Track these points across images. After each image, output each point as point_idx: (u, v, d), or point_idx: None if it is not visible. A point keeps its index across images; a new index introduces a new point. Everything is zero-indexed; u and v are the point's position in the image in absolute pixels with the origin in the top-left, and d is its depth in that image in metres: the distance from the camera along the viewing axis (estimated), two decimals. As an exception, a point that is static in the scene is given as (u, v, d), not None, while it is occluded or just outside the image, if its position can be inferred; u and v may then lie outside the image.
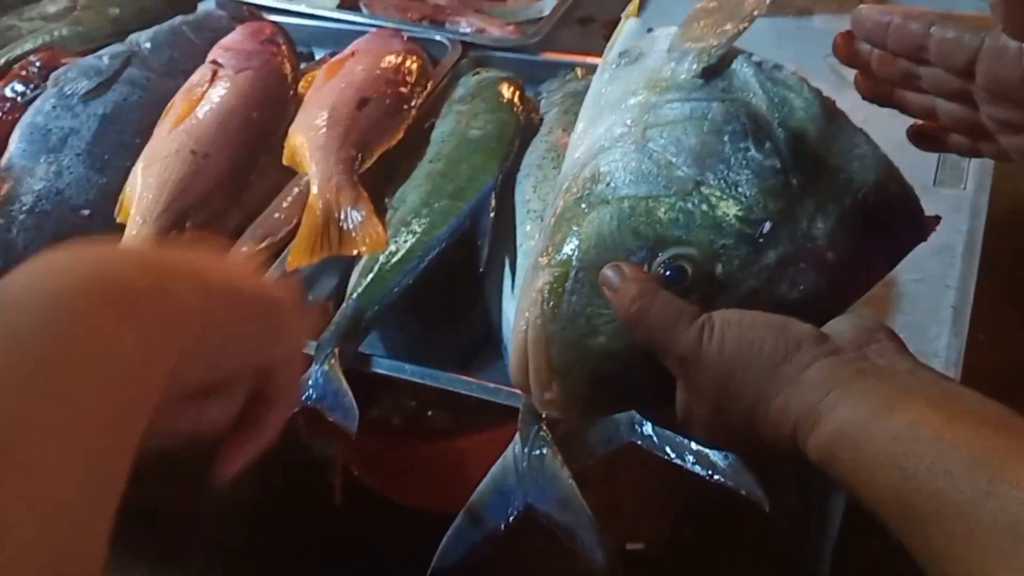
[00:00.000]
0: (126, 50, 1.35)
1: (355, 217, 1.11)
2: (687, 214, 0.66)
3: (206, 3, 1.66)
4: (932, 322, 1.02)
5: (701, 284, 0.65)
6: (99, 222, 1.17)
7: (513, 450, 0.88)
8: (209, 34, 1.42)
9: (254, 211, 1.22)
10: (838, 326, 0.62)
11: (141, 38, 1.38)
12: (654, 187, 0.68)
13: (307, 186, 1.18)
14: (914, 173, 0.68)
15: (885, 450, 0.53)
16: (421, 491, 1.91)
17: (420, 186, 1.13)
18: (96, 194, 1.19)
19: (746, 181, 0.66)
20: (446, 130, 1.21)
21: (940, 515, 0.49)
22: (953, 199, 1.16)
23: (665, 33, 0.78)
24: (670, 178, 0.67)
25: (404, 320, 1.10)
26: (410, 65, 1.32)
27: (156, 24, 1.45)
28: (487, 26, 1.54)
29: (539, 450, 0.87)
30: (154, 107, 1.28)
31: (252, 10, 1.53)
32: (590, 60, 1.43)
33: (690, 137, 0.68)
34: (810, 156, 0.66)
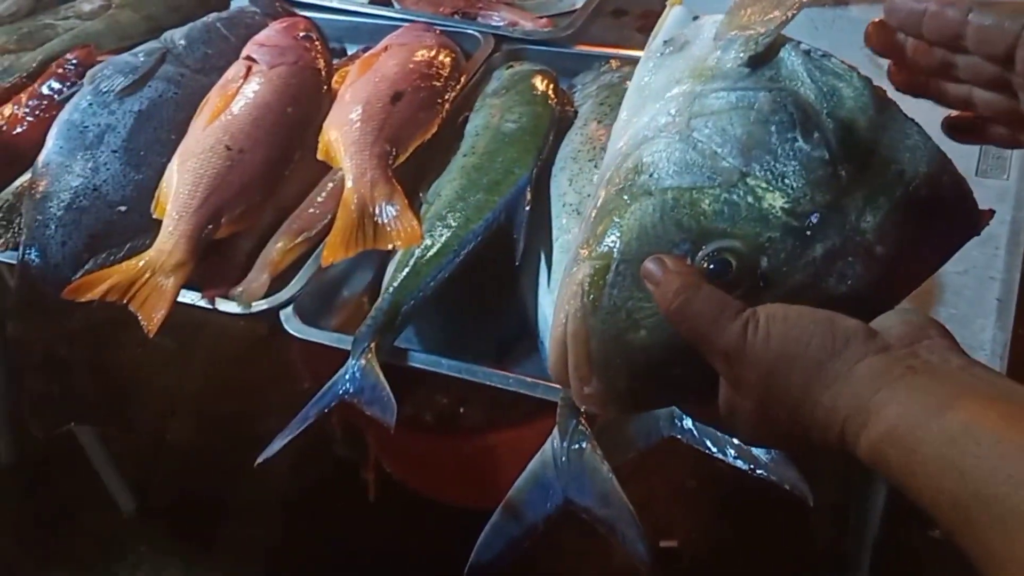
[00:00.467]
0: (161, 47, 1.35)
1: (390, 211, 1.10)
2: (732, 206, 0.65)
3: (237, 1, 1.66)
4: (977, 314, 1.01)
5: (745, 278, 0.63)
6: (135, 218, 1.18)
7: (552, 444, 0.87)
8: (243, 30, 1.42)
9: (289, 206, 1.22)
10: (887, 322, 0.60)
11: (176, 35, 1.38)
12: (698, 178, 0.66)
13: (341, 181, 1.17)
14: (956, 163, 0.66)
15: (941, 452, 0.51)
16: (454, 487, 1.92)
17: (454, 180, 1.12)
18: (132, 190, 1.20)
19: (793, 172, 0.64)
20: (480, 124, 1.20)
21: (1003, 521, 0.48)
22: (996, 189, 1.15)
23: (711, 21, 0.76)
24: (715, 169, 0.66)
25: (439, 314, 1.10)
26: (443, 59, 1.32)
27: (190, 21, 1.45)
28: (519, 19, 1.54)
29: (578, 444, 0.86)
30: (189, 103, 1.28)
31: (285, 6, 1.53)
32: (624, 52, 1.43)
33: (736, 127, 0.67)
34: (859, 147, 0.64)
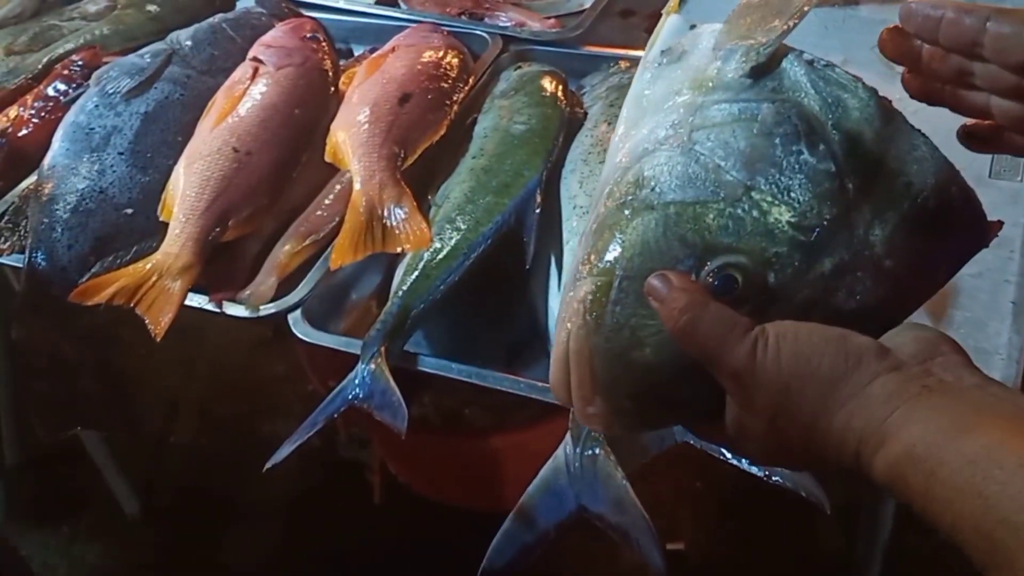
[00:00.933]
0: (167, 48, 1.35)
1: (398, 214, 1.09)
2: (737, 220, 0.63)
3: (244, 0, 1.66)
4: (991, 318, 0.99)
5: (752, 294, 0.62)
6: (142, 221, 1.17)
7: (564, 450, 0.87)
8: (249, 31, 1.41)
9: (296, 208, 1.21)
10: (898, 339, 0.59)
11: (181, 36, 1.38)
12: (702, 192, 0.65)
13: (349, 183, 1.17)
14: (969, 165, 0.66)
15: (962, 476, 0.50)
16: (459, 489, 1.91)
17: (464, 182, 1.11)
18: (139, 192, 1.19)
19: (799, 186, 0.63)
20: (489, 125, 1.19)
21: None
22: (1010, 191, 1.13)
23: (709, 30, 0.75)
24: (719, 183, 0.65)
25: (448, 317, 1.09)
26: (451, 60, 1.31)
27: (196, 22, 1.44)
28: (527, 20, 1.53)
29: (591, 450, 0.85)
30: (195, 105, 1.27)
31: (291, 7, 1.52)
32: (632, 53, 1.42)
33: (739, 140, 0.65)
34: (866, 159, 0.63)
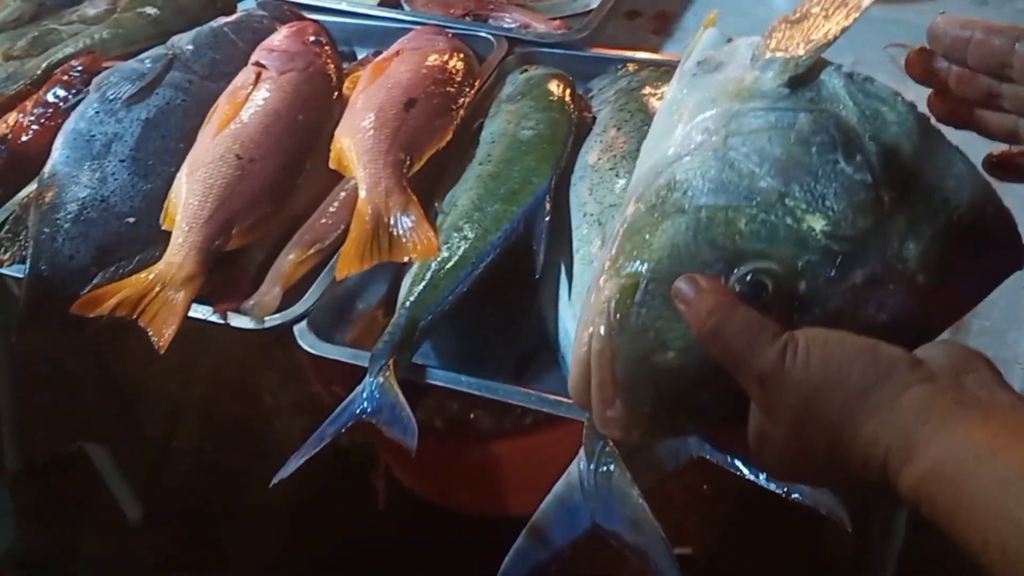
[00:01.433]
0: (167, 53, 1.33)
1: (405, 222, 1.08)
2: (769, 227, 0.62)
3: (245, 2, 1.64)
4: (1010, 327, 0.98)
5: (781, 302, 0.61)
6: (144, 230, 1.15)
7: (578, 466, 0.85)
8: (250, 35, 1.39)
9: (300, 215, 1.20)
10: (930, 352, 0.58)
11: (182, 40, 1.36)
12: (734, 197, 0.64)
13: (354, 190, 1.15)
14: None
15: (993, 497, 0.49)
16: (464, 494, 1.89)
17: (471, 189, 1.09)
18: (141, 201, 1.17)
19: (834, 195, 0.62)
20: (496, 131, 1.17)
21: None
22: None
23: (747, 43, 0.74)
24: (752, 188, 0.64)
25: (456, 327, 1.07)
26: (456, 63, 1.29)
27: (196, 25, 1.42)
28: (532, 21, 1.51)
29: (606, 466, 0.83)
30: (197, 110, 1.25)
31: (293, 9, 1.50)
32: (640, 55, 1.40)
33: (775, 147, 0.64)
34: (902, 172, 0.62)
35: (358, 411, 0.94)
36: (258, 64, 1.28)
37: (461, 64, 1.29)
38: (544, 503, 0.86)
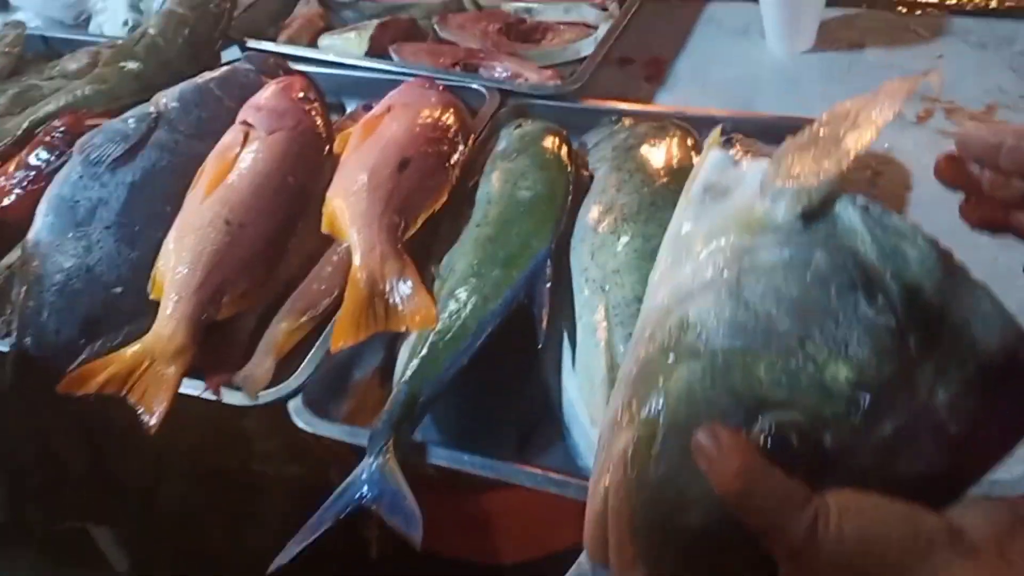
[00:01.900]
0: (152, 111, 1.29)
1: (402, 290, 1.05)
2: (791, 374, 0.59)
3: (229, 52, 1.61)
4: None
5: (807, 455, 0.57)
6: (131, 300, 1.11)
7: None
8: (237, 91, 1.36)
9: (291, 280, 1.17)
10: (971, 516, 0.55)
11: (167, 97, 1.32)
12: (752, 341, 0.60)
13: (346, 253, 1.12)
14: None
15: None
16: (458, 542, 1.86)
17: (468, 253, 1.07)
18: (128, 269, 1.14)
19: (857, 340, 0.58)
20: (492, 190, 1.14)
21: None
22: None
23: (755, 167, 0.71)
24: (770, 332, 0.60)
25: (455, 398, 1.03)
26: (450, 120, 1.26)
27: (180, 78, 1.39)
28: (523, 70, 1.48)
29: None
30: (184, 172, 1.22)
31: (279, 62, 1.48)
32: (634, 108, 1.38)
33: (791, 287, 0.61)
34: (928, 314, 0.59)
35: (357, 496, 0.90)
36: (246, 123, 1.25)
37: (454, 120, 1.26)
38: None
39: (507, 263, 1.04)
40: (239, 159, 1.20)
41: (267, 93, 1.31)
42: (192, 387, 1.06)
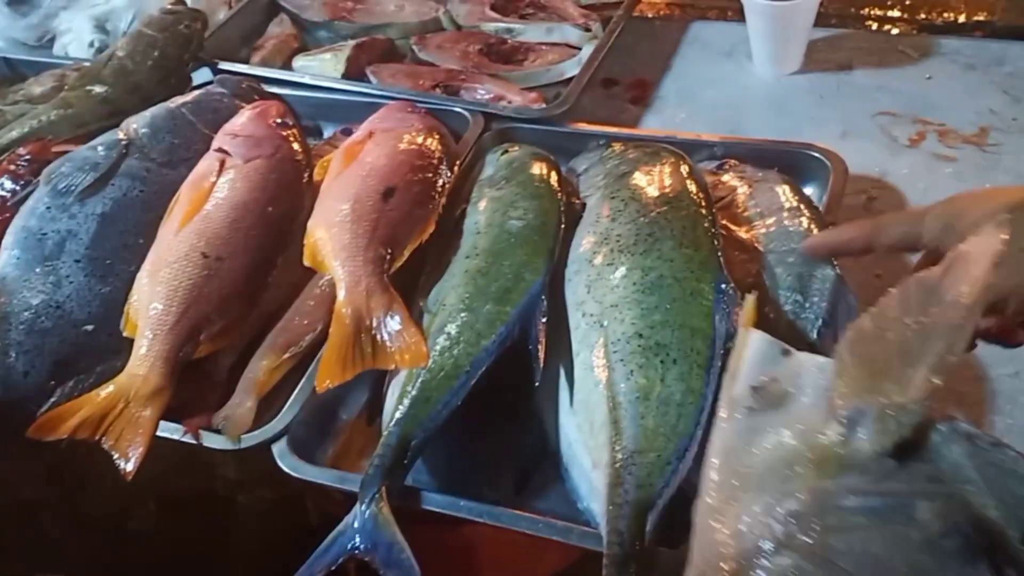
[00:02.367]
0: (122, 138, 1.24)
1: (390, 326, 1.00)
2: None
3: (200, 74, 1.56)
4: (1038, 427, 0.93)
5: None
6: (104, 338, 1.06)
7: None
8: (210, 115, 1.31)
9: (272, 314, 1.12)
10: None
11: (137, 124, 1.27)
12: None
13: (331, 285, 1.07)
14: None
15: None
16: (443, 573, 1.81)
17: (459, 287, 1.02)
18: (99, 306, 1.08)
19: None
20: (481, 220, 1.10)
21: None
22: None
23: (812, 364, 0.60)
24: None
25: (448, 439, 0.99)
26: (434, 145, 1.22)
27: (150, 103, 1.34)
28: (506, 93, 1.45)
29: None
30: (156, 202, 1.17)
31: (253, 85, 1.43)
32: (622, 132, 1.35)
33: (892, 553, 0.50)
34: None
35: (350, 546, 0.86)
36: (221, 150, 1.20)
37: (439, 146, 1.22)
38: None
39: (500, 297, 1.00)
40: (215, 188, 1.15)
41: (243, 119, 1.26)
42: (169, 430, 1.00)
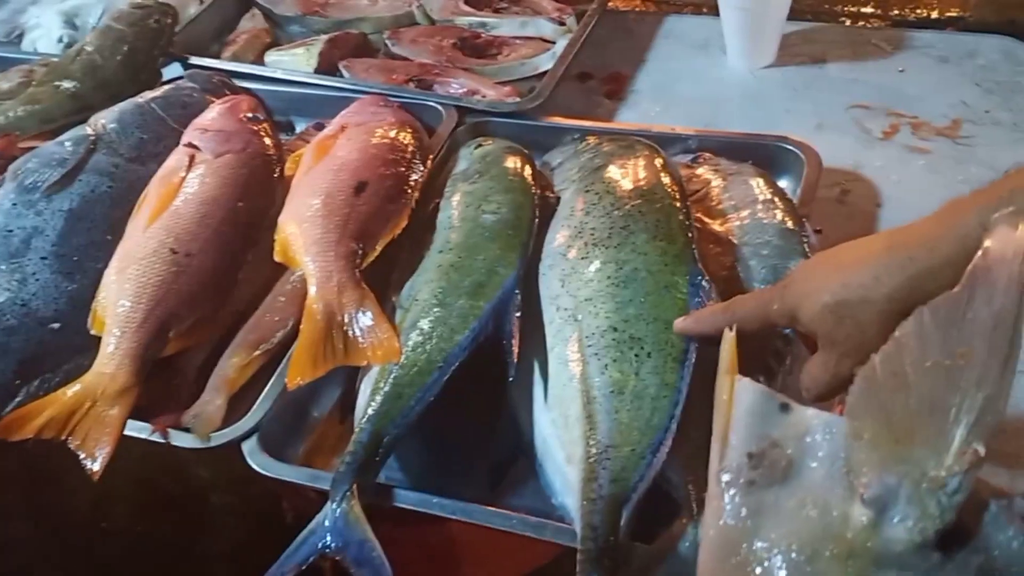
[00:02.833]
0: (90, 133, 1.22)
1: (362, 322, 0.99)
2: None
3: (171, 69, 1.54)
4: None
5: None
6: (70, 336, 1.04)
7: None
8: (180, 110, 1.30)
9: (243, 311, 1.10)
10: None
11: (106, 118, 1.25)
12: None
13: (301, 281, 1.06)
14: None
15: None
16: (420, 571, 1.80)
17: (431, 281, 1.01)
18: (66, 303, 1.07)
19: None
20: (455, 214, 1.09)
21: None
22: None
23: (818, 421, 0.51)
24: None
25: (421, 435, 0.98)
26: (407, 139, 1.21)
27: (119, 99, 1.32)
28: (480, 87, 1.44)
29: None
30: (125, 198, 1.15)
31: (224, 79, 1.41)
32: (597, 125, 1.34)
33: None
34: None
35: (320, 545, 0.84)
36: (191, 145, 1.19)
37: (412, 140, 1.21)
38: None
39: (473, 292, 0.98)
40: (184, 184, 1.13)
41: (213, 113, 1.24)
42: (137, 429, 0.99)
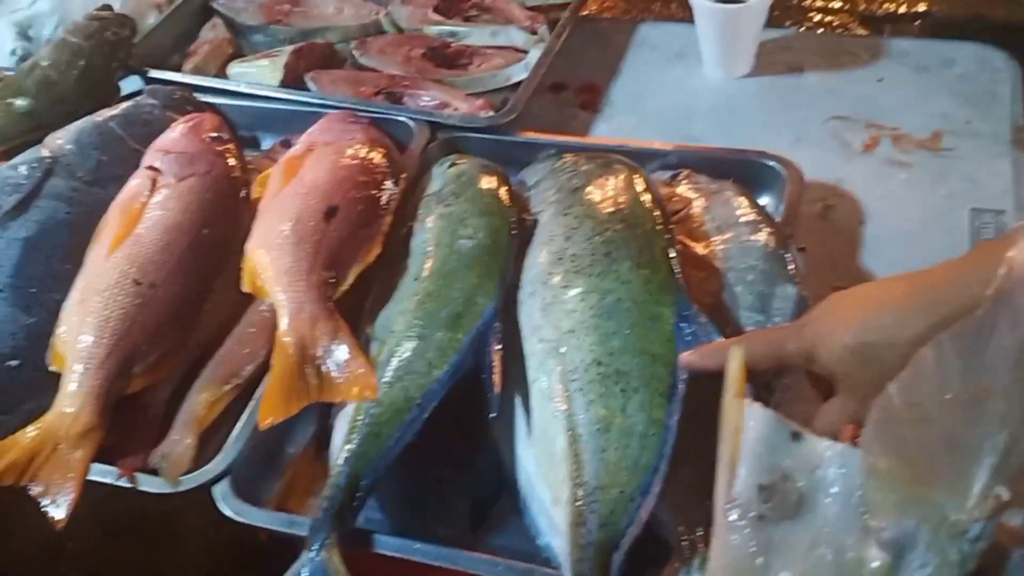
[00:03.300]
0: (46, 155, 1.18)
1: (337, 355, 0.95)
2: None
3: (130, 82, 1.48)
4: None
5: None
6: (29, 373, 1.00)
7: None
8: (140, 129, 1.25)
9: (210, 342, 1.06)
10: None
11: (62, 139, 1.21)
12: None
13: (271, 311, 1.02)
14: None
15: None
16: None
17: (408, 312, 0.97)
18: (24, 338, 1.02)
19: None
20: (429, 239, 1.05)
21: None
22: None
23: (831, 453, 0.50)
24: None
25: (400, 473, 0.94)
26: (378, 159, 1.17)
27: (75, 117, 1.27)
28: (452, 99, 1.40)
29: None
30: (84, 224, 1.11)
31: (186, 95, 1.36)
32: (572, 141, 1.31)
33: None
34: None
35: (297, 599, 0.81)
36: (152, 168, 1.14)
37: (383, 160, 1.17)
38: None
39: (451, 323, 0.95)
40: (146, 210, 1.09)
41: (175, 134, 1.20)
42: (102, 473, 0.94)
